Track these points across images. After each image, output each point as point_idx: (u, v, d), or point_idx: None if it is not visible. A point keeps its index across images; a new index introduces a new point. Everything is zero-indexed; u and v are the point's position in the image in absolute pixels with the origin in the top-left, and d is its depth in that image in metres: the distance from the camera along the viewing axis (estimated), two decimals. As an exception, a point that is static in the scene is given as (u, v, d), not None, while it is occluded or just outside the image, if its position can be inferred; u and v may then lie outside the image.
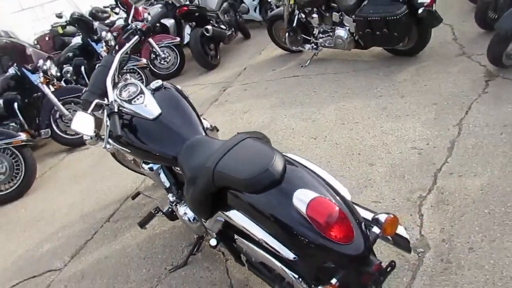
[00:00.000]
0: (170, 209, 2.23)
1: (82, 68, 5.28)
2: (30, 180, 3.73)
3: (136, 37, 2.34)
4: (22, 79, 4.35)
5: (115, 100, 2.04)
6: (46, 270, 2.64)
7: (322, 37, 4.68)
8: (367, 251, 1.29)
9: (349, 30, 4.32)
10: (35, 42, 6.02)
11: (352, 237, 1.27)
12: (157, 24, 6.37)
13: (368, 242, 1.31)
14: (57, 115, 4.46)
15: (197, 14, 5.73)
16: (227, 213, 1.58)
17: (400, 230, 1.49)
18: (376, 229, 1.36)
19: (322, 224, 1.26)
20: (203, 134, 2.04)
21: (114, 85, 2.20)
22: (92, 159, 4.03)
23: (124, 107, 2.09)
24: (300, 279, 1.44)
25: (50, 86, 4.45)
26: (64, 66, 5.35)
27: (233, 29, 6.33)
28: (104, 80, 2.13)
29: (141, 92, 2.13)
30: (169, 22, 6.43)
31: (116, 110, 1.97)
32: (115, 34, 5.43)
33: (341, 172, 2.73)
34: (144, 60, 5.30)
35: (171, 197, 2.19)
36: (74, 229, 3.00)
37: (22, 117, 4.33)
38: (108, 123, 1.97)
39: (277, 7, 5.47)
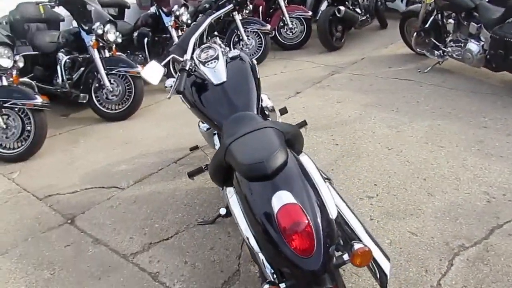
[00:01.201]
0: None
1: (212, 20, 5.66)
2: (135, 107, 4.27)
3: (231, 5, 2.48)
4: (157, 19, 4.91)
5: (190, 59, 2.23)
6: (113, 186, 3.09)
7: (452, 46, 4.24)
8: (321, 271, 1.27)
9: (483, 46, 3.83)
10: (185, -12, 6.62)
11: (310, 252, 1.26)
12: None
13: (328, 264, 1.29)
14: (176, 58, 4.93)
15: (334, -9, 5.62)
16: (227, 189, 1.68)
17: (383, 264, 1.42)
18: (346, 256, 1.33)
19: (285, 229, 1.28)
20: (255, 111, 2.11)
21: (200, 45, 2.39)
22: (189, 105, 4.41)
23: (197, 67, 2.28)
24: (271, 271, 1.48)
25: (179, 30, 4.92)
26: (200, 15, 5.79)
27: (368, 15, 6.07)
28: (190, 38, 2.33)
29: (216, 58, 2.27)
30: (308, -6, 6.43)
31: (186, 68, 2.15)
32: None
33: (395, 191, 2.57)
34: (268, 26, 5.45)
35: None
36: (148, 159, 3.42)
37: (148, 52, 4.93)
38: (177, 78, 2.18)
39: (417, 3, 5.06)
